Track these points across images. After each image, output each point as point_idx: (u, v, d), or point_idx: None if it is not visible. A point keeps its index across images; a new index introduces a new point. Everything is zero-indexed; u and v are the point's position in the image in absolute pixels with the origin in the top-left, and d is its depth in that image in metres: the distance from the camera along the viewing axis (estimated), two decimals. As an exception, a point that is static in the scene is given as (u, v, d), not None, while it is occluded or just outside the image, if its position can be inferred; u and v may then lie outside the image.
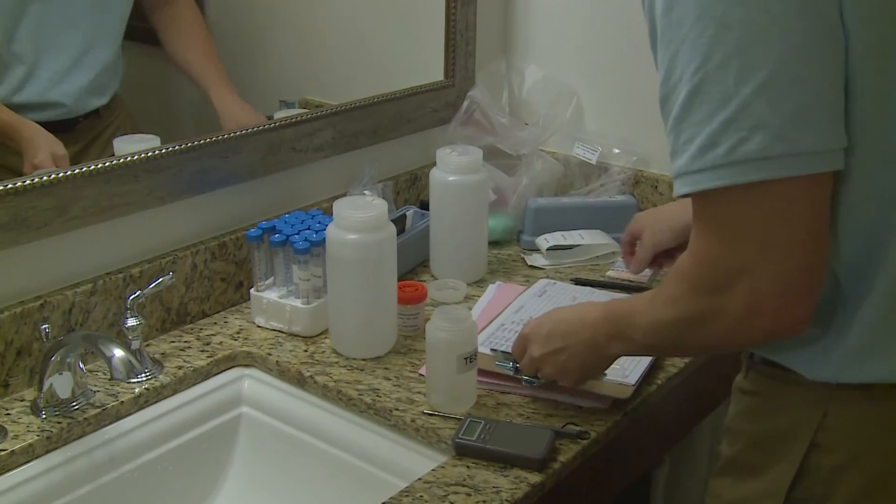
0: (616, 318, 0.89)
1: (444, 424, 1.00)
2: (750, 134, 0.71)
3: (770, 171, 0.71)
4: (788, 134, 0.70)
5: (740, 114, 0.71)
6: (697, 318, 0.78)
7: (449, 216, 1.30)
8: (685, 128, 0.74)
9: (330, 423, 1.07)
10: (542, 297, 1.26)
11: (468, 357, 1.00)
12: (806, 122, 0.71)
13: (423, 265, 1.37)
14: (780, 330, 0.76)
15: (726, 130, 0.71)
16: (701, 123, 0.73)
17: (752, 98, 0.70)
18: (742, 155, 0.71)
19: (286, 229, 1.18)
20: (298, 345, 1.16)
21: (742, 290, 0.74)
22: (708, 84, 0.72)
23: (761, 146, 0.70)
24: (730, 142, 0.71)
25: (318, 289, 1.17)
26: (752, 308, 0.74)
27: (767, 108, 0.70)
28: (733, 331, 0.76)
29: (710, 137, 0.72)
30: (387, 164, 1.45)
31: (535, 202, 1.45)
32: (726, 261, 0.74)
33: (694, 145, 0.73)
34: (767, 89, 0.70)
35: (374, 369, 1.11)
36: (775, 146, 0.70)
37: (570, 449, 0.97)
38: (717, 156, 0.72)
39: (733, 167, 0.72)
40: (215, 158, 1.20)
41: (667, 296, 0.81)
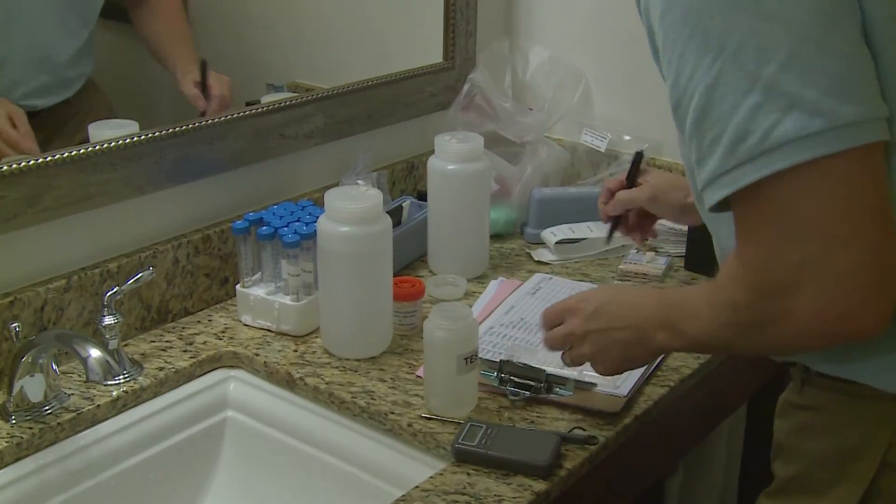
0: (669, 307, 0.85)
1: (442, 429, 1.00)
2: (783, 114, 0.69)
3: (813, 150, 0.69)
4: (825, 106, 0.68)
5: (769, 95, 0.69)
6: (761, 322, 0.75)
7: (448, 207, 1.30)
8: (709, 126, 0.72)
9: (321, 428, 1.07)
10: (535, 294, 1.26)
11: (468, 357, 1.00)
12: (842, 91, 0.69)
13: (421, 260, 1.37)
14: (857, 331, 0.73)
15: (755, 117, 0.70)
16: (726, 117, 0.71)
17: (779, 75, 0.69)
18: (778, 138, 0.69)
19: (274, 221, 1.17)
20: (288, 344, 1.16)
21: (809, 291, 0.71)
22: (726, 74, 0.70)
23: (798, 124, 0.69)
24: (762, 128, 0.69)
25: (309, 285, 1.17)
26: (822, 311, 0.71)
27: (798, 83, 0.69)
28: (803, 335, 0.74)
29: (738, 129, 0.70)
30: (382, 151, 1.45)
31: (539, 192, 1.44)
32: (784, 261, 0.71)
33: (722, 143, 0.71)
34: (794, 63, 0.69)
35: (368, 370, 1.10)
36: (813, 121, 0.68)
37: (577, 455, 0.97)
38: (750, 146, 0.70)
39: (771, 154, 0.69)
40: (198, 146, 1.20)
41: (725, 298, 0.78)
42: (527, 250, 1.41)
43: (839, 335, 0.74)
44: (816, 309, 0.71)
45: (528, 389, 1.04)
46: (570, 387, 1.04)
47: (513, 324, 1.19)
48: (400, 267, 1.32)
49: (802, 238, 0.71)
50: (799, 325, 0.73)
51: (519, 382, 1.04)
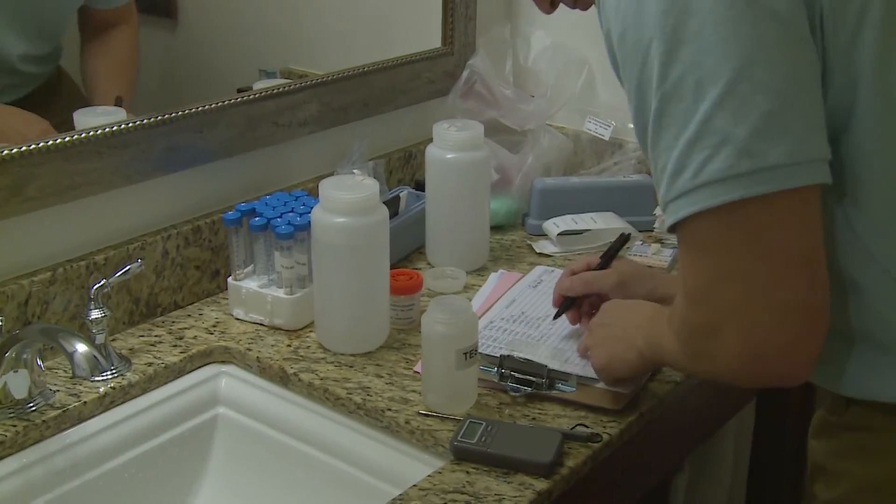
0: (654, 323, 0.90)
1: (441, 426, 1.00)
2: (714, 152, 0.70)
3: (739, 190, 0.70)
4: (755, 146, 0.70)
5: (702, 131, 0.71)
6: (695, 357, 0.79)
7: (447, 198, 1.30)
8: (658, 154, 0.74)
9: (316, 425, 1.07)
10: (536, 287, 1.26)
11: (468, 352, 1.00)
12: (775, 131, 0.70)
13: (419, 252, 1.37)
14: (779, 378, 0.76)
15: (691, 152, 0.71)
16: (669, 149, 0.73)
17: (713, 112, 0.70)
18: (707, 176, 0.71)
19: (267, 212, 1.17)
20: (281, 339, 1.15)
21: (731, 334, 0.73)
22: (669, 105, 0.72)
23: (726, 164, 0.70)
24: (695, 163, 0.71)
25: (303, 277, 1.17)
26: (744, 355, 0.73)
27: (730, 120, 0.70)
28: (729, 375, 0.76)
29: (677, 162, 0.72)
30: (378, 140, 1.44)
31: (541, 182, 1.44)
32: (709, 299, 0.74)
33: (666, 173, 0.73)
34: (727, 100, 0.70)
35: (364, 366, 1.10)
36: (741, 162, 0.70)
37: (581, 453, 0.96)
38: (684, 181, 0.72)
39: (699, 191, 0.71)
40: (188, 133, 1.19)
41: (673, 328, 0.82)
42: (528, 242, 1.41)
43: (763, 379, 0.76)
44: (737, 353, 0.73)
45: (529, 385, 1.04)
46: (573, 383, 1.03)
47: (514, 318, 1.19)
48: (397, 259, 1.31)
49: (728, 279, 0.72)
50: (723, 366, 0.75)
51: (520, 378, 1.04)
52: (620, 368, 0.98)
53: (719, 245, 0.72)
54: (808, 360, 0.74)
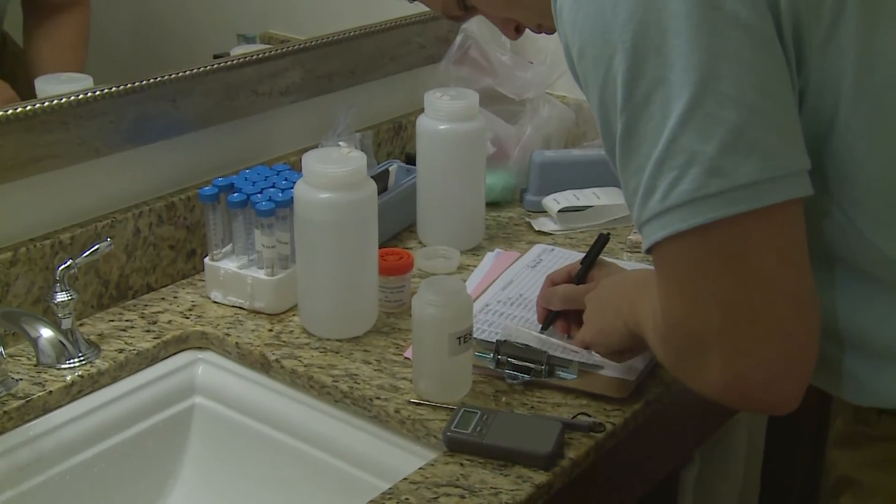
0: (638, 301, 0.91)
1: (433, 415, 1.00)
2: (682, 172, 0.70)
3: (708, 213, 0.70)
4: (724, 164, 0.69)
5: (670, 150, 0.71)
6: (678, 372, 0.80)
7: (439, 172, 1.29)
8: (628, 178, 0.75)
9: (299, 415, 1.07)
10: (535, 267, 1.26)
11: (462, 337, 1.00)
12: (744, 147, 0.70)
13: (409, 230, 1.36)
14: (767, 408, 0.77)
15: (659, 172, 0.71)
16: (639, 170, 0.73)
17: (679, 129, 0.70)
18: (676, 198, 0.71)
19: (247, 187, 1.17)
20: (262, 323, 1.15)
21: (715, 363, 0.73)
22: (636, 125, 0.72)
23: (695, 184, 0.70)
24: (664, 185, 0.71)
25: (285, 257, 1.17)
26: (729, 385, 0.74)
27: (697, 138, 0.70)
28: (716, 399, 0.76)
29: (647, 183, 0.72)
30: (366, 110, 1.44)
31: (541, 155, 1.44)
32: (688, 326, 0.74)
33: (638, 195, 0.74)
34: (693, 116, 0.70)
35: (351, 352, 1.10)
36: (711, 182, 0.70)
37: (582, 443, 0.96)
38: (655, 203, 0.72)
39: (669, 214, 0.71)
40: (161, 103, 1.19)
41: (656, 333, 0.82)
42: (526, 219, 1.41)
43: (749, 409, 0.78)
44: (723, 380, 0.73)
45: (527, 372, 1.03)
46: (575, 369, 1.03)
47: (511, 300, 1.19)
48: (386, 238, 1.31)
49: (706, 306, 0.73)
50: (706, 390, 0.76)
51: (518, 365, 1.04)
52: (611, 338, 0.98)
53: (695, 271, 0.72)
54: (795, 394, 0.74)
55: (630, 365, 1.05)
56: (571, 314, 1.08)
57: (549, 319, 1.11)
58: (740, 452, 1.53)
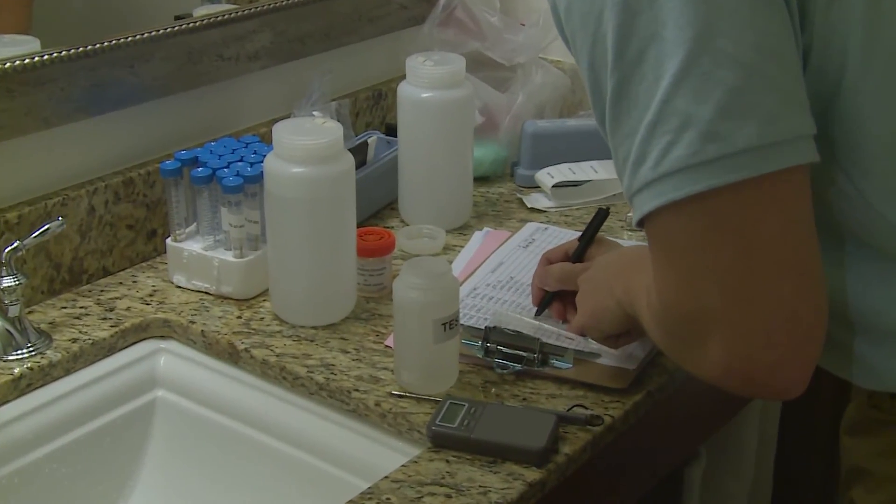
0: (632, 279, 0.91)
1: (417, 408, 1.00)
2: (676, 136, 0.70)
3: (704, 180, 0.70)
4: (721, 128, 0.69)
5: (663, 113, 0.71)
6: (677, 358, 0.81)
7: (423, 144, 1.29)
8: (618, 144, 0.75)
9: (271, 410, 1.07)
10: (527, 248, 1.26)
11: (448, 323, 1.00)
12: (743, 109, 0.70)
13: (391, 207, 1.37)
14: (771, 394, 0.78)
15: (652, 137, 0.71)
16: (630, 135, 0.73)
17: (673, 90, 0.70)
18: (670, 164, 0.71)
19: (212, 161, 1.17)
20: (230, 310, 1.15)
21: (715, 345, 0.74)
22: (627, 86, 0.72)
23: (690, 150, 0.70)
24: (656, 150, 0.71)
25: (255, 238, 1.17)
26: (730, 368, 0.74)
27: (692, 99, 0.70)
28: (718, 385, 0.77)
29: (639, 149, 0.73)
30: (342, 76, 1.44)
31: (533, 126, 1.44)
32: (685, 305, 0.74)
33: (629, 163, 0.74)
34: (688, 76, 0.70)
35: (327, 340, 1.10)
36: (707, 147, 0.70)
37: (579, 438, 0.97)
38: (646, 171, 0.72)
39: (662, 182, 0.71)
40: (117, 68, 1.18)
41: (651, 314, 0.82)
42: (518, 195, 1.41)
43: (753, 395, 0.79)
44: (723, 364, 0.74)
45: (518, 361, 1.04)
46: (570, 358, 1.03)
47: (501, 283, 1.19)
48: (365, 216, 1.31)
49: (702, 284, 0.73)
50: (707, 375, 0.76)
51: (508, 353, 1.04)
52: (605, 321, 0.98)
53: (690, 244, 0.73)
54: (801, 378, 0.74)
55: (630, 352, 1.05)
56: (569, 297, 1.09)
57: (545, 302, 1.12)
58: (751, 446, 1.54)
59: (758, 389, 0.77)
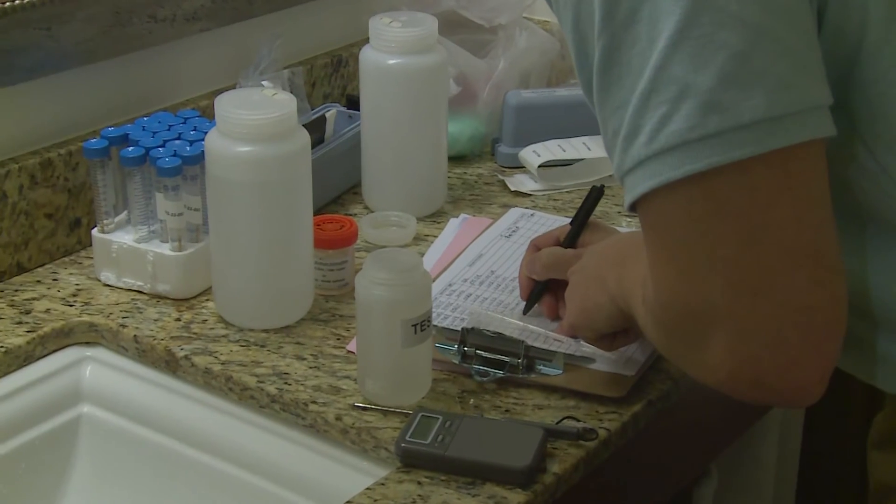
0: (626, 271, 0.92)
1: (384, 423, 1.00)
2: (673, 107, 0.71)
3: (704, 158, 0.71)
4: (724, 98, 0.70)
5: (658, 80, 0.71)
6: (678, 360, 0.82)
7: (389, 118, 1.30)
8: (607, 117, 0.75)
9: (215, 426, 1.07)
10: (510, 237, 1.27)
11: (419, 324, 1.01)
12: (749, 76, 0.70)
13: (353, 192, 1.37)
14: (784, 400, 0.79)
15: (646, 108, 0.72)
16: (621, 106, 0.74)
17: (669, 54, 0.71)
18: (665, 139, 0.71)
19: (145, 139, 1.17)
20: (167, 311, 1.16)
21: (718, 345, 0.74)
22: (618, 49, 0.73)
23: (688, 123, 0.71)
24: (650, 123, 0.72)
25: (196, 228, 1.17)
26: (736, 371, 0.75)
27: (690, 65, 0.70)
28: (725, 391, 0.77)
29: (631, 122, 0.73)
30: (296, 40, 1.44)
31: (517, 97, 1.44)
32: (685, 300, 0.75)
33: (619, 138, 0.74)
34: (686, 38, 0.70)
35: (280, 345, 1.11)
36: (708, 119, 0.70)
37: (570, 455, 0.97)
38: (639, 147, 0.73)
39: (657, 159, 0.72)
40: (31, 31, 1.18)
41: (647, 309, 0.82)
42: (500, 177, 1.42)
43: (765, 398, 0.78)
44: (729, 366, 0.75)
45: (500, 367, 1.04)
46: (559, 363, 1.04)
47: (480, 278, 1.20)
48: (324, 202, 1.31)
49: (703, 275, 0.73)
50: (713, 378, 0.77)
51: (488, 358, 1.05)
52: (598, 319, 0.99)
53: (690, 231, 0.73)
54: (817, 381, 0.75)
55: (628, 356, 1.06)
56: (562, 290, 1.09)
57: (535, 294, 1.12)
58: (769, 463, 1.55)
59: (769, 395, 0.77)
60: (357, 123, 1.35)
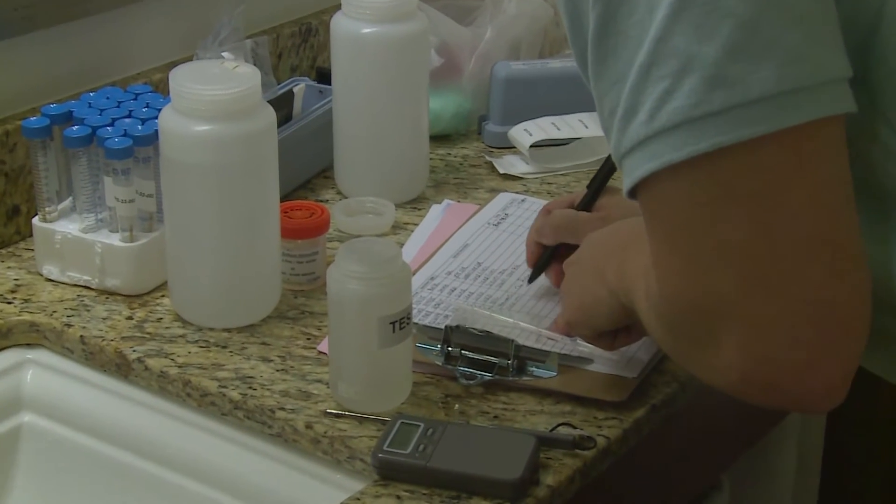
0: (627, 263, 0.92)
1: (359, 431, 1.01)
2: (675, 82, 0.71)
3: (709, 137, 0.71)
4: (730, 71, 0.70)
5: (658, 53, 0.72)
6: (685, 361, 0.82)
7: (364, 94, 1.30)
8: (603, 93, 0.76)
9: (172, 436, 1.07)
10: (499, 225, 1.27)
11: (398, 322, 1.01)
12: (758, 47, 0.70)
13: (324, 175, 1.37)
14: (801, 404, 0.79)
15: (646, 83, 0.72)
16: (618, 81, 0.74)
17: (670, 25, 0.71)
18: (667, 117, 0.72)
19: (92, 117, 1.17)
20: (118, 308, 1.16)
21: (729, 345, 0.75)
22: (614, 17, 0.73)
23: (691, 99, 0.71)
24: (650, 100, 0.72)
25: (149, 216, 1.17)
26: (749, 373, 0.75)
27: (693, 35, 0.70)
28: (737, 395, 0.78)
29: (629, 99, 0.73)
30: (260, 6, 1.44)
31: (506, 69, 1.44)
32: (691, 295, 0.75)
33: (616, 117, 0.75)
34: (688, 5, 0.70)
35: (244, 345, 1.11)
36: (713, 95, 0.70)
37: (565, 465, 0.98)
38: (638, 125, 0.73)
39: (658, 140, 0.72)
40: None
41: (650, 304, 0.83)
42: (487, 158, 1.42)
43: (781, 402, 0.79)
44: (741, 367, 0.75)
45: (488, 370, 1.05)
46: (554, 364, 1.05)
47: (466, 271, 1.20)
48: (292, 187, 1.32)
49: (710, 269, 0.74)
50: (723, 381, 0.77)
51: (475, 359, 1.05)
52: (596, 315, 1.00)
53: (694, 218, 0.74)
54: (838, 383, 0.75)
55: (630, 356, 1.06)
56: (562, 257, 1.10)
57: (542, 262, 1.13)
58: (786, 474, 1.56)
59: (785, 399, 0.78)
60: (328, 99, 1.35)
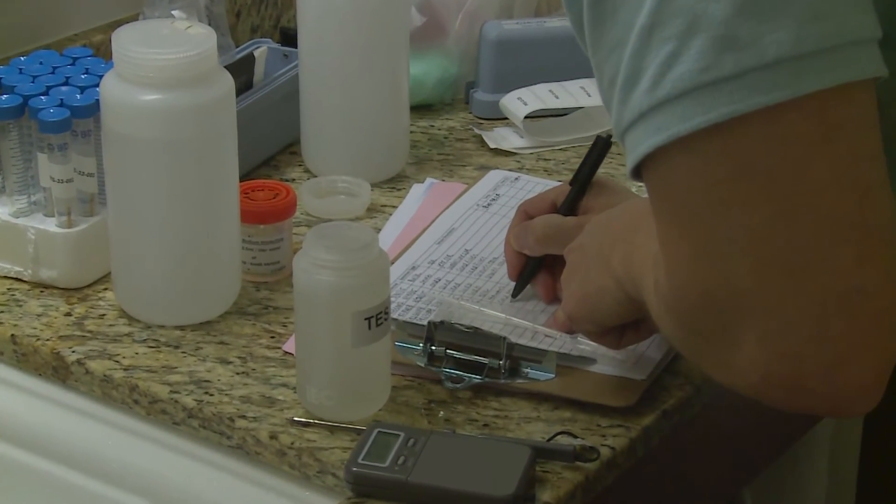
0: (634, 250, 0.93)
1: (331, 441, 1.01)
2: (680, 44, 0.71)
3: (721, 105, 0.71)
4: (742, 31, 0.70)
5: (661, 13, 0.72)
6: (699, 363, 0.83)
7: (335, 58, 1.30)
8: (602, 60, 0.76)
9: (116, 448, 1.08)
10: (489, 207, 1.28)
11: (374, 317, 1.01)
12: (772, 4, 0.70)
13: (290, 151, 1.38)
14: (829, 408, 0.79)
15: (648, 46, 0.72)
16: (617, 45, 0.74)
17: None
18: (672, 85, 0.72)
19: (23, 85, 1.17)
20: (54, 303, 1.16)
21: (747, 341, 0.75)
22: None
23: (699, 63, 0.71)
24: (654, 65, 0.72)
25: (90, 198, 1.18)
26: (770, 373, 0.75)
27: None
28: (758, 397, 0.78)
29: (630, 65, 0.74)
30: (215, -41, 1.43)
31: (496, 29, 1.45)
32: (703, 286, 0.75)
33: (617, 86, 0.75)
34: None
35: (199, 345, 1.11)
36: (724, 58, 0.71)
37: (564, 479, 0.98)
38: (640, 94, 0.73)
39: (663, 110, 0.72)
40: None
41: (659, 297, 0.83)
42: (476, 131, 1.43)
43: (806, 406, 0.79)
44: (761, 366, 0.75)
45: (477, 371, 1.05)
46: (551, 364, 1.05)
47: (451, 259, 1.21)
48: (254, 164, 1.32)
49: (725, 256, 0.74)
50: (741, 383, 0.77)
51: (462, 360, 1.06)
52: (599, 306, 0.99)
53: (706, 199, 0.74)
54: (871, 383, 0.75)
55: (638, 355, 1.07)
56: (560, 266, 1.09)
57: (526, 274, 1.13)
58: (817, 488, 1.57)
59: (812, 401, 0.78)
60: (294, 64, 1.35)
